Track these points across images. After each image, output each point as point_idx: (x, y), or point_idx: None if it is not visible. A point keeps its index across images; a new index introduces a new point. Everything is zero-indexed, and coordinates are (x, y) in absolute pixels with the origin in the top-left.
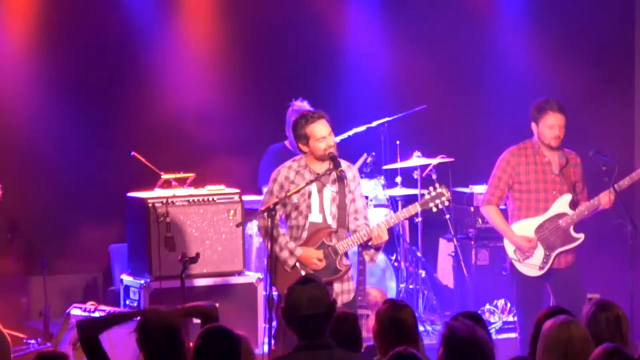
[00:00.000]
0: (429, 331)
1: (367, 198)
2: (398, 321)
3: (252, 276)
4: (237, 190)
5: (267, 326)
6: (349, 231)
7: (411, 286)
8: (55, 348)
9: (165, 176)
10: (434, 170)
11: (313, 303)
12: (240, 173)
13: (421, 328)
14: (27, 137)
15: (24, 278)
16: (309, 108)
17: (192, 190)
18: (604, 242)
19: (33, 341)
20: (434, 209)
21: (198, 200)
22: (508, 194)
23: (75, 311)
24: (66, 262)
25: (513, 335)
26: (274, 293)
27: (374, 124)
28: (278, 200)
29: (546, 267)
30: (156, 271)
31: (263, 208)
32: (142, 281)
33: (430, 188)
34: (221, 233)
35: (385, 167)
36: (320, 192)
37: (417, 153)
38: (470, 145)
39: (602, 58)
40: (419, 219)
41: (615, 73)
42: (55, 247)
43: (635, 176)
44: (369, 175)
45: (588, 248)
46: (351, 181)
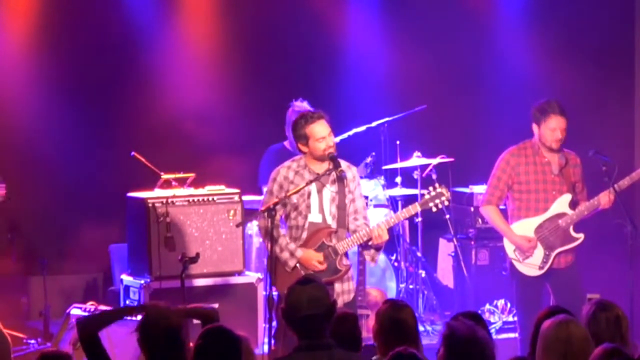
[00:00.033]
0: (429, 331)
1: (367, 198)
2: (398, 321)
3: (252, 276)
4: (237, 190)
5: (267, 326)
6: (349, 231)
7: (411, 286)
8: (55, 348)
9: (165, 176)
10: (434, 170)
11: (313, 303)
12: (240, 173)
13: (421, 328)
14: (27, 137)
15: (24, 278)
16: (310, 108)
17: (192, 190)
18: (604, 242)
19: (33, 341)
20: (434, 209)
21: (198, 200)
22: (508, 194)
23: (75, 311)
24: (66, 262)
25: (513, 335)
26: (274, 293)
27: (374, 124)
28: (278, 200)
29: (546, 267)
30: (156, 271)
31: (263, 208)
32: (142, 281)
33: (429, 188)
34: (221, 233)
35: (385, 167)
36: (319, 193)
37: (417, 153)
38: (470, 145)
39: (602, 58)
40: (419, 219)
41: (615, 73)
42: (55, 247)
43: (635, 176)
44: (369, 175)
45: (588, 248)
46: (351, 181)
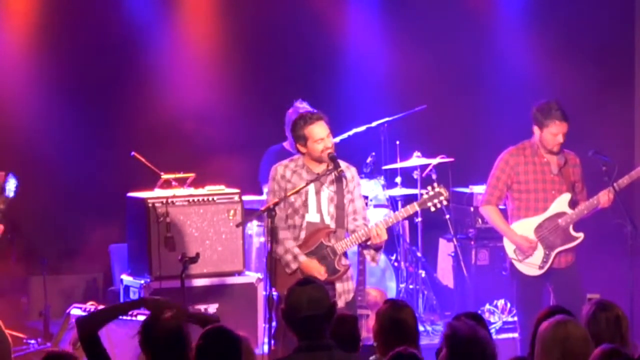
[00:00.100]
0: (429, 331)
1: (367, 198)
2: (398, 321)
3: (252, 276)
4: (237, 190)
5: (267, 326)
6: (348, 231)
7: (411, 286)
8: (55, 348)
9: (165, 176)
10: (434, 170)
11: (313, 304)
12: (240, 173)
13: (421, 328)
14: (27, 137)
15: (24, 278)
16: (310, 109)
17: (192, 190)
18: (604, 242)
19: (33, 341)
20: (432, 209)
21: (198, 200)
22: (507, 194)
23: (75, 311)
24: (66, 262)
25: (513, 335)
26: (274, 293)
27: (374, 124)
28: (278, 200)
29: (546, 267)
30: (156, 271)
31: (263, 208)
32: (142, 281)
33: (428, 188)
34: (221, 233)
35: (385, 167)
36: (317, 193)
37: (417, 153)
38: (470, 145)
39: (602, 58)
40: (419, 219)
41: (615, 73)
42: (55, 247)
43: (634, 175)
44: (369, 175)
45: (588, 248)
46: (350, 181)
